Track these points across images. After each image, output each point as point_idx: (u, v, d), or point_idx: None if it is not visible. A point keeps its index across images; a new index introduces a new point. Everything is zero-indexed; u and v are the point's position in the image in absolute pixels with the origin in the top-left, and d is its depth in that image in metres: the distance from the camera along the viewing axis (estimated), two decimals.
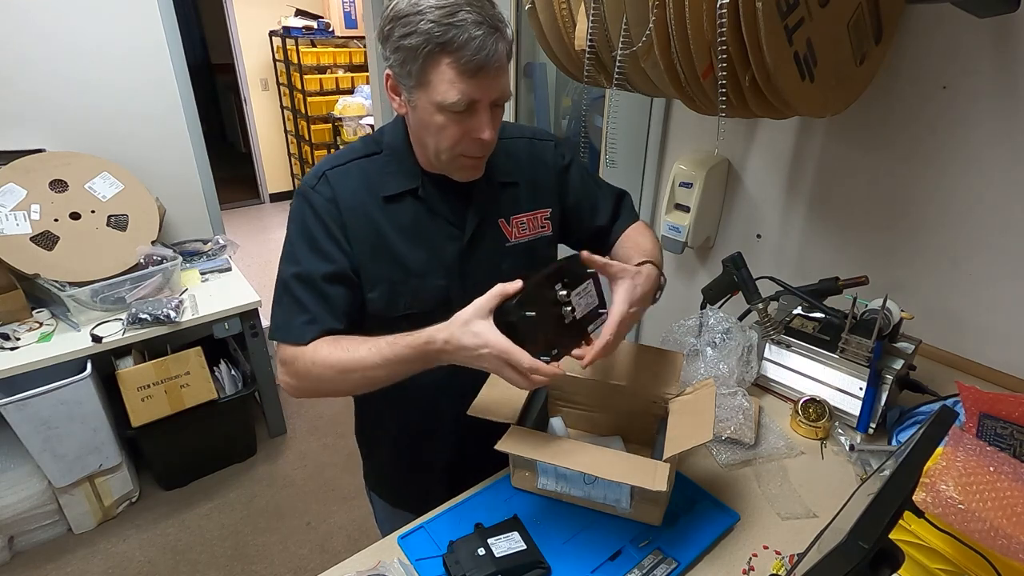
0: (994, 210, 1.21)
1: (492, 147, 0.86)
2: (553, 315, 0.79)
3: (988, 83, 1.15)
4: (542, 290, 0.78)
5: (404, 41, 0.75)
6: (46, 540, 2.06)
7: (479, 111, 0.79)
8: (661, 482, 0.75)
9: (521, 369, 0.72)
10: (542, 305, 0.77)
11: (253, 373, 2.39)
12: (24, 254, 1.93)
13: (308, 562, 2.02)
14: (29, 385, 1.80)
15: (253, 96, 5.23)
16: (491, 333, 0.73)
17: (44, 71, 2.12)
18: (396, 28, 0.75)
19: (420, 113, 0.81)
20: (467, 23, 0.73)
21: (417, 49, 0.74)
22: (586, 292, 0.82)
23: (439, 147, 0.83)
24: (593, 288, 0.83)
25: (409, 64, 0.76)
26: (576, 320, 0.80)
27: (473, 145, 0.82)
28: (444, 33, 0.73)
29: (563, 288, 0.79)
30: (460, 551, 0.80)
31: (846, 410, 1.11)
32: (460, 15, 0.73)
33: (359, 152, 0.91)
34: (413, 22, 0.73)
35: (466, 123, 0.80)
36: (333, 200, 0.87)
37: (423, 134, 0.84)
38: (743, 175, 1.68)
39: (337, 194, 0.87)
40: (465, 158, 0.85)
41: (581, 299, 0.81)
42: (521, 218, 0.97)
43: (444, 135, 0.81)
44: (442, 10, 0.73)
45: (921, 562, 0.76)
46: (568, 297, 0.79)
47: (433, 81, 0.76)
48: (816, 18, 0.94)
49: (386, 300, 0.91)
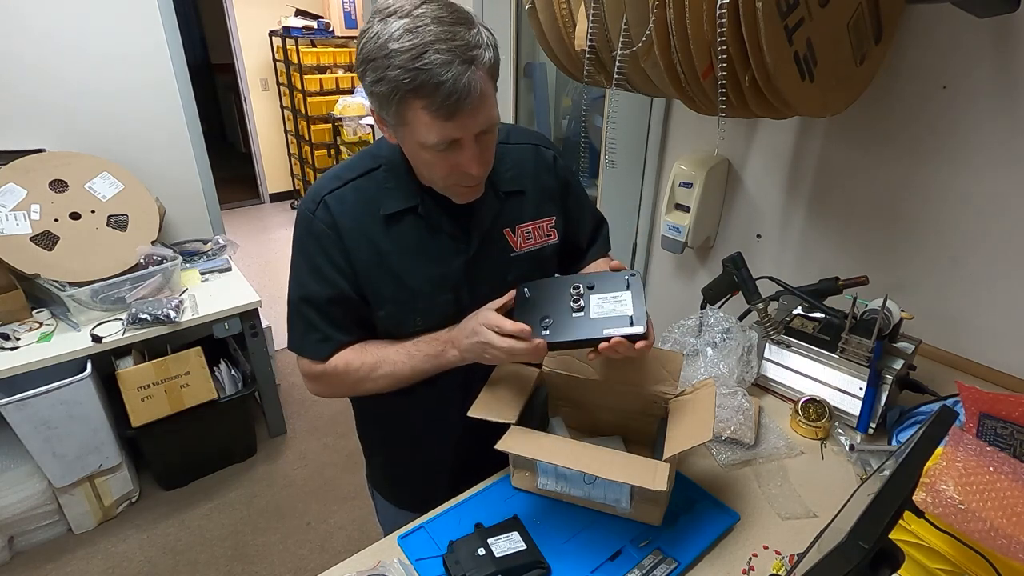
0: (994, 210, 1.21)
1: (487, 173, 0.85)
2: (562, 306, 0.84)
3: (988, 83, 1.15)
4: (557, 285, 0.86)
5: (375, 88, 0.72)
6: (46, 540, 2.06)
7: (465, 146, 0.77)
8: (661, 482, 0.75)
9: (503, 331, 0.79)
10: (551, 295, 0.86)
11: (253, 373, 2.38)
12: (24, 254, 1.93)
13: (308, 562, 2.02)
14: (29, 385, 1.80)
15: (253, 96, 5.23)
16: (484, 312, 0.82)
17: (44, 71, 2.12)
18: (367, 72, 0.73)
19: (407, 148, 0.82)
20: (435, 65, 0.68)
21: (389, 96, 0.72)
22: (615, 300, 0.84)
23: (431, 178, 0.84)
24: (628, 299, 0.83)
25: (385, 108, 0.75)
26: (589, 319, 0.82)
27: (464, 177, 0.81)
28: (413, 79, 0.69)
29: (585, 289, 0.85)
30: (460, 551, 0.80)
31: (846, 410, 1.11)
32: (427, 56, 0.68)
33: (357, 171, 0.89)
34: (381, 67, 0.70)
35: (453, 158, 0.78)
36: (333, 226, 0.86)
37: (415, 164, 0.85)
38: (743, 175, 1.69)
39: (337, 220, 0.86)
40: (460, 186, 0.84)
41: (605, 304, 0.84)
42: (527, 226, 0.97)
43: (433, 170, 0.81)
44: (408, 53, 0.68)
45: (921, 562, 0.76)
46: (581, 294, 0.85)
47: (411, 123, 0.74)
48: (816, 18, 0.94)
49: (396, 319, 0.92)
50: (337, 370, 0.92)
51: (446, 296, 0.91)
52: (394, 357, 0.90)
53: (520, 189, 0.96)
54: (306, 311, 0.90)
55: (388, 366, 0.90)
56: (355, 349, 0.92)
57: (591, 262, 1.08)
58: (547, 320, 0.83)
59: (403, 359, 0.90)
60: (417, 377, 0.91)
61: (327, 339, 0.91)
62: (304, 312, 0.90)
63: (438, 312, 0.91)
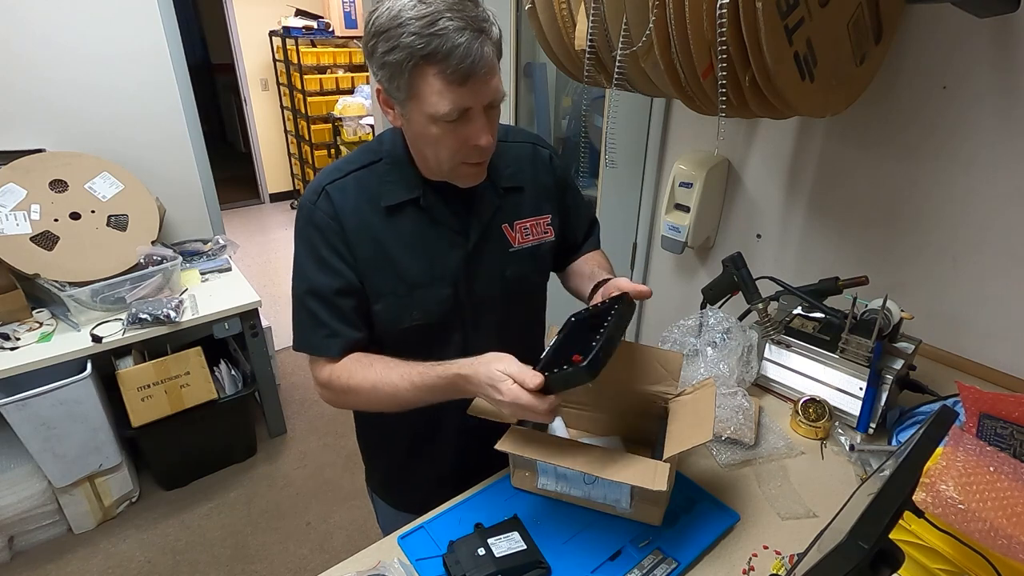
0: (994, 210, 1.21)
1: (492, 150, 0.85)
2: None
3: (988, 83, 1.15)
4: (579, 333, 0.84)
5: (388, 57, 0.73)
6: (46, 540, 2.06)
7: (473, 118, 0.78)
8: (661, 482, 0.75)
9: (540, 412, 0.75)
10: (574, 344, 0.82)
11: (253, 373, 2.39)
12: (24, 254, 1.93)
13: (308, 562, 2.02)
14: (29, 385, 1.80)
15: (253, 96, 5.23)
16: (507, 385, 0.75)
17: (44, 71, 2.12)
18: (379, 44, 0.74)
19: (415, 125, 0.81)
20: (449, 31, 0.70)
21: (402, 64, 0.73)
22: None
23: (439, 157, 0.83)
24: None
25: (397, 79, 0.75)
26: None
27: (472, 152, 0.81)
28: (427, 44, 0.71)
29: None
30: (460, 551, 0.80)
31: (846, 410, 1.11)
32: (441, 23, 0.70)
33: (357, 163, 0.90)
34: (395, 36, 0.72)
35: (462, 131, 0.79)
36: (335, 216, 0.86)
37: (421, 145, 0.84)
38: (743, 175, 1.68)
39: (338, 210, 0.87)
40: (466, 165, 0.84)
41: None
42: (525, 223, 0.97)
43: (441, 145, 0.80)
44: (422, 20, 0.70)
45: (921, 562, 0.76)
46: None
47: (423, 93, 0.75)
48: (816, 18, 0.94)
49: (392, 313, 0.91)
50: (342, 381, 0.89)
51: (444, 290, 0.91)
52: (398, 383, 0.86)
53: (519, 185, 0.96)
54: (312, 305, 0.89)
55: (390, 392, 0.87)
56: (362, 364, 0.89)
57: (583, 255, 1.11)
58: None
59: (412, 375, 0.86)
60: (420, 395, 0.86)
61: (335, 335, 0.89)
62: (310, 306, 0.89)
63: (434, 307, 0.91)
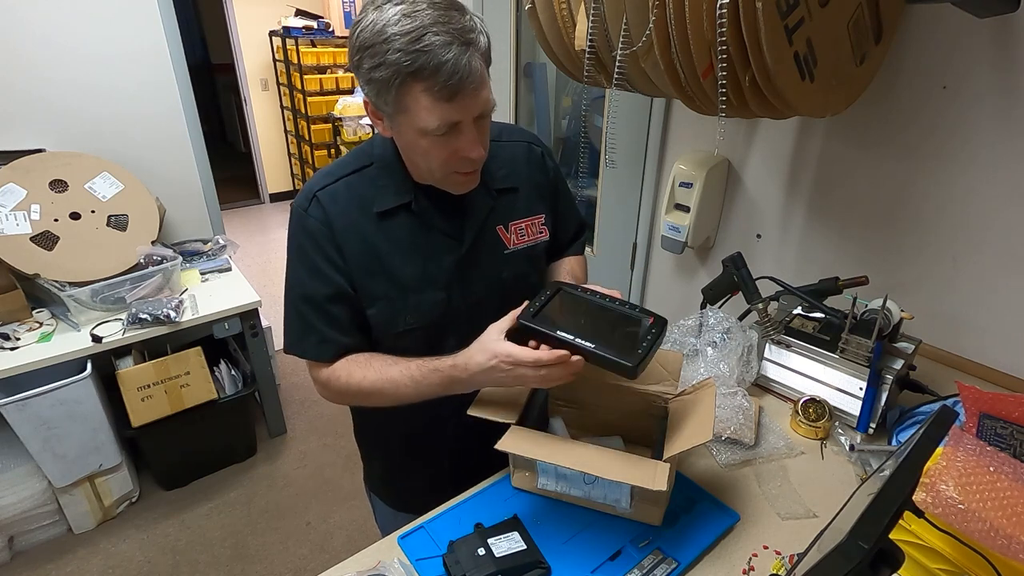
0: (994, 210, 1.21)
1: (484, 159, 0.84)
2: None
3: (988, 83, 1.15)
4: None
5: (374, 74, 0.72)
6: (46, 540, 2.06)
7: (464, 130, 0.77)
8: (661, 482, 0.75)
9: (527, 363, 0.75)
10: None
11: (253, 373, 2.38)
12: (24, 254, 1.93)
13: (308, 562, 2.02)
14: (29, 385, 1.80)
15: (253, 96, 5.23)
16: (498, 344, 0.77)
17: (44, 71, 2.12)
18: (364, 59, 0.73)
19: (405, 138, 0.81)
20: (435, 47, 0.69)
21: (389, 81, 0.72)
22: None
23: (430, 167, 0.83)
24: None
25: (384, 95, 0.74)
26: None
27: (464, 162, 0.81)
28: (413, 62, 0.69)
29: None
30: (460, 551, 0.80)
31: (846, 410, 1.11)
32: (427, 39, 0.69)
33: (349, 168, 0.89)
34: (380, 52, 0.70)
35: (452, 144, 0.78)
36: (326, 222, 0.86)
37: (412, 155, 0.84)
38: (743, 175, 1.68)
39: (330, 216, 0.86)
40: (458, 174, 0.84)
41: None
42: (520, 224, 0.97)
43: (432, 157, 0.80)
44: (407, 36, 0.69)
45: (921, 562, 0.76)
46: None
47: (411, 109, 0.74)
48: (816, 18, 0.94)
49: (386, 317, 0.91)
50: (340, 381, 0.90)
51: (438, 294, 0.91)
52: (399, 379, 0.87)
53: (514, 186, 0.96)
54: (305, 311, 0.89)
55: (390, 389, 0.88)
56: (360, 364, 0.90)
57: (563, 259, 1.10)
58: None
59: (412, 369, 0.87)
60: (420, 390, 0.87)
61: (326, 340, 0.90)
62: (303, 312, 0.89)
63: (428, 311, 0.91)
